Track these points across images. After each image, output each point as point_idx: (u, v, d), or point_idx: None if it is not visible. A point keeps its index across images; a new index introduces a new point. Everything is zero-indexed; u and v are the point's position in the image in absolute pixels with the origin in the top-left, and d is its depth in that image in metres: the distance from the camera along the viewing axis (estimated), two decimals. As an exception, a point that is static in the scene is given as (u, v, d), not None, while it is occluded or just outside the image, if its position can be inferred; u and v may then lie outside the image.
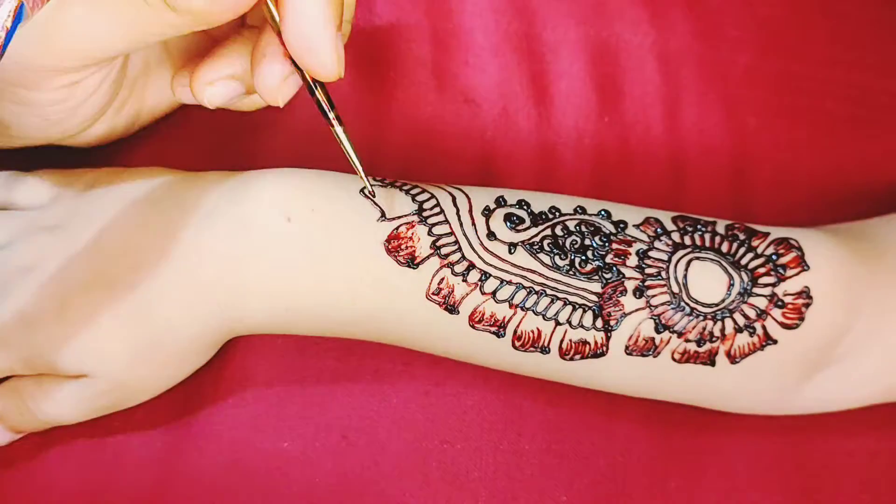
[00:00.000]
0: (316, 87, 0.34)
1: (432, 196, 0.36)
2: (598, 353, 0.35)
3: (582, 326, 0.35)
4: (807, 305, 0.35)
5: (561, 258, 0.35)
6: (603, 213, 0.37)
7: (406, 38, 0.45)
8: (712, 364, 0.36)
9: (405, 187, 0.36)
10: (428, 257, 0.35)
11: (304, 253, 0.35)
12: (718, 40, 0.46)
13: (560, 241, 0.36)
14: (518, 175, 0.44)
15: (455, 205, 0.36)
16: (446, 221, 0.36)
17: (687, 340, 0.35)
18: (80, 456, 0.39)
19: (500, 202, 0.37)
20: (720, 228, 0.37)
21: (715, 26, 0.46)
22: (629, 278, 0.35)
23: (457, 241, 0.35)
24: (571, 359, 0.35)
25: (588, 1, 0.46)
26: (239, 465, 0.39)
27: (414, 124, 0.44)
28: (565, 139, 0.45)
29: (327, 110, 0.34)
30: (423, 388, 0.40)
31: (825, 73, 0.46)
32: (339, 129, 0.34)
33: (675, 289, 0.35)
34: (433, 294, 0.35)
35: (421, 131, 0.44)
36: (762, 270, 0.36)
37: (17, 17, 0.26)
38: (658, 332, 0.35)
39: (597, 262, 0.35)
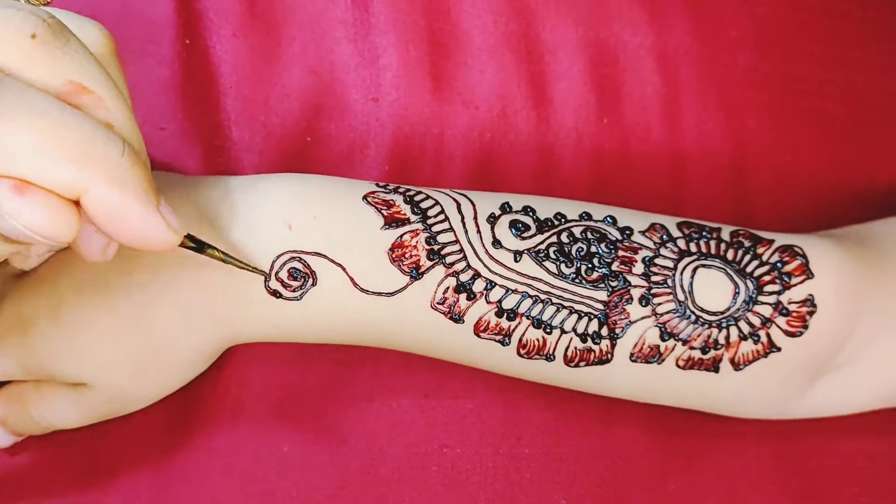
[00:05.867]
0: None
1: (436, 203, 0.36)
2: (603, 360, 0.35)
3: (587, 334, 0.35)
4: (811, 313, 0.35)
5: (567, 266, 0.35)
6: (609, 219, 0.36)
7: (403, 39, 0.44)
8: (716, 371, 0.36)
9: (408, 193, 0.36)
10: (432, 266, 0.35)
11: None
12: (718, 41, 0.46)
13: (566, 249, 0.35)
14: (517, 177, 0.44)
15: (460, 211, 0.36)
16: (451, 229, 0.35)
17: (692, 348, 0.35)
18: (77, 460, 0.39)
19: (506, 208, 0.36)
20: (725, 235, 0.37)
21: (714, 27, 0.46)
22: (635, 286, 0.35)
23: (462, 250, 0.35)
24: (576, 366, 0.35)
25: (587, 2, 0.45)
26: (237, 469, 0.39)
27: (411, 126, 0.44)
28: (564, 141, 0.44)
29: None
30: (423, 392, 0.40)
31: (825, 74, 0.46)
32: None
33: (681, 297, 0.35)
34: (438, 304, 0.35)
35: (418, 133, 0.44)
36: (767, 278, 0.36)
37: None
38: (663, 339, 0.35)
39: (603, 270, 0.35)
